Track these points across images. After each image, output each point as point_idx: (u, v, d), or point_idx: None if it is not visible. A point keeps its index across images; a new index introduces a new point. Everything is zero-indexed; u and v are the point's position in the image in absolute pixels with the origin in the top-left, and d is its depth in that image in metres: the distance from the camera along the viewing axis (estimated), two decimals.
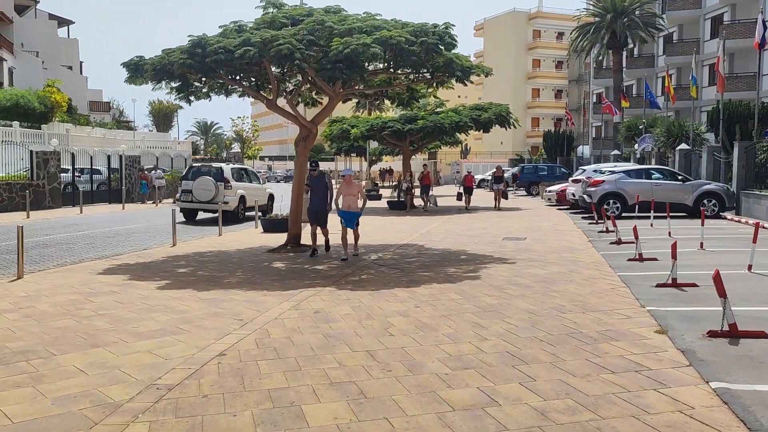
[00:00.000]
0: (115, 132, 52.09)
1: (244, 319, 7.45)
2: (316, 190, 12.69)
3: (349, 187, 12.25)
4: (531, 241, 15.10)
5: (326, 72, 11.17)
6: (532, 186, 39.13)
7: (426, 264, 11.68)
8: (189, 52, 11.30)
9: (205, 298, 8.76)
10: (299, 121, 14.10)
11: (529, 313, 7.49)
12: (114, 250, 14.59)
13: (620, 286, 9.14)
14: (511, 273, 10.49)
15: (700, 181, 21.72)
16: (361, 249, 14.06)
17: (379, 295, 8.75)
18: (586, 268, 10.91)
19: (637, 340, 6.18)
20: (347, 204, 12.18)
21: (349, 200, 12.18)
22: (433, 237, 16.39)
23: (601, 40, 45.53)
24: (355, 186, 12.41)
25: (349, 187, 12.23)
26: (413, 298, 8.46)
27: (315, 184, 12.71)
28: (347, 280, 10.04)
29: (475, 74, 13.35)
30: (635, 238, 11.48)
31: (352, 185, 12.31)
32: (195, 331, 6.88)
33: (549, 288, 9.07)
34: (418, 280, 9.95)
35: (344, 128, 29.02)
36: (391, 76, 14.48)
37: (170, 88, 14.27)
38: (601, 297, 8.34)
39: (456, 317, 7.31)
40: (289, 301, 8.45)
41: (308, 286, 9.50)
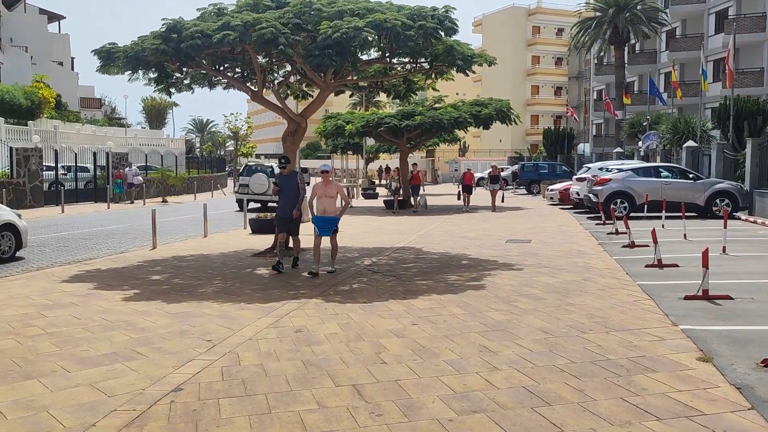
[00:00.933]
0: (106, 129, 50.96)
1: (213, 339, 6.41)
2: (285, 191, 10.59)
3: (326, 186, 10.13)
4: (537, 244, 14.08)
5: (314, 59, 10.12)
6: (532, 184, 38.10)
7: (424, 270, 10.64)
8: (163, 37, 10.25)
9: (174, 312, 7.71)
10: (287, 115, 13.05)
11: (544, 332, 6.46)
12: (88, 253, 13.53)
13: (643, 297, 8.12)
14: (519, 281, 9.46)
15: (712, 180, 20.70)
16: (355, 252, 13.04)
17: (372, 308, 7.71)
18: (601, 275, 9.88)
19: (679, 370, 5.15)
20: (323, 207, 10.16)
21: (325, 203, 10.14)
22: (431, 239, 15.36)
23: (603, 36, 44.53)
24: (333, 185, 10.23)
25: (326, 187, 10.13)
26: (410, 313, 7.43)
27: (285, 184, 10.63)
28: (336, 290, 9.01)
29: (477, 64, 12.31)
30: (654, 242, 10.46)
31: (329, 184, 10.19)
32: (153, 356, 5.84)
33: (563, 300, 8.04)
34: (416, 290, 8.91)
35: (339, 124, 27.94)
36: (387, 65, 13.43)
37: (148, 79, 13.26)
38: (624, 312, 7.31)
39: (459, 338, 6.27)
40: (268, 316, 7.41)
41: (292, 297, 8.46)
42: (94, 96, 63.66)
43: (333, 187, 10.22)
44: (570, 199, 24.90)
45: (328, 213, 10.20)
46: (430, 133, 29.15)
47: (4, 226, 11.94)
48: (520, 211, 24.43)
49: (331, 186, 10.20)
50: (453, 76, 13.67)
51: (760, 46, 38.00)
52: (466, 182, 25.22)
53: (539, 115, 73.47)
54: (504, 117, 27.35)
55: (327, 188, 10.15)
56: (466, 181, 25.22)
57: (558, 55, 73.48)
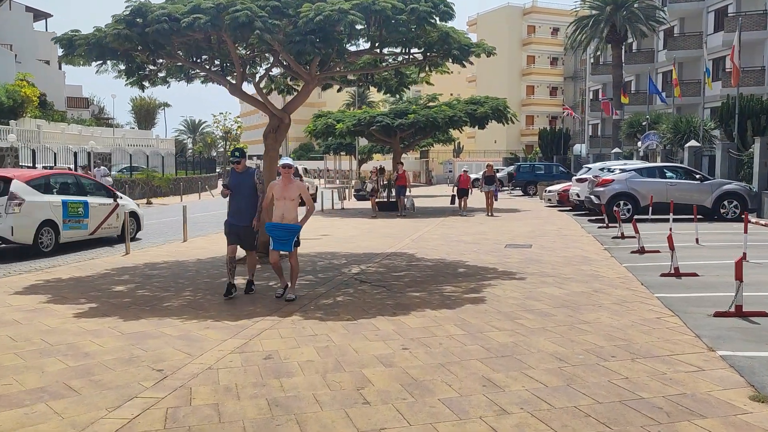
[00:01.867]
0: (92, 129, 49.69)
1: (166, 368, 5.39)
2: (238, 192, 8.40)
3: (286, 186, 8.01)
4: (538, 249, 13.11)
5: (294, 45, 9.11)
6: (528, 186, 37.18)
7: (417, 280, 9.64)
8: (126, 22, 9.21)
9: (129, 331, 6.68)
10: (269, 110, 12.04)
11: (558, 359, 5.47)
12: (55, 260, 12.45)
13: (666, 313, 7.13)
14: (523, 293, 8.47)
15: (719, 181, 19.78)
16: (342, 258, 12.03)
17: (357, 328, 6.70)
18: (613, 286, 8.91)
19: (731, 414, 4.17)
20: (280, 212, 7.99)
21: (283, 206, 7.98)
22: (425, 244, 14.36)
23: (600, 34, 43.64)
24: (294, 185, 8.09)
25: (286, 187, 8.00)
26: (400, 334, 6.42)
27: (238, 183, 8.39)
28: (318, 304, 7.99)
29: (475, 54, 11.33)
30: (670, 248, 9.50)
31: (290, 184, 8.06)
32: (88, 393, 4.81)
33: (575, 317, 7.05)
34: (408, 303, 7.91)
35: (329, 123, 26.91)
36: (377, 57, 12.44)
37: (117, 71, 12.23)
38: (647, 332, 6.33)
39: (458, 368, 5.27)
40: (236, 337, 6.39)
41: (267, 313, 7.44)
42: (81, 95, 62.40)
43: (294, 187, 8.08)
44: (569, 201, 23.97)
45: (287, 220, 8.02)
46: (424, 133, 28.23)
47: (131, 214, 15.13)
48: (518, 213, 23.47)
49: (293, 186, 8.08)
50: (449, 69, 12.70)
51: (761, 44, 37.24)
52: (461, 185, 23.43)
53: (534, 116, 72.67)
54: (500, 116, 26.44)
55: (287, 188, 8.03)
56: (462, 184, 23.42)
57: (553, 55, 72.71)
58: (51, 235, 13.01)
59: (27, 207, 12.42)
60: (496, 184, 23.02)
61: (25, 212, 12.36)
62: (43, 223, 12.78)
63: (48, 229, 12.93)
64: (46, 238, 12.91)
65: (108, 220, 14.70)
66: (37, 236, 12.67)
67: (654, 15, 42.86)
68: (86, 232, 14.12)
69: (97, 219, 14.36)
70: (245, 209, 8.37)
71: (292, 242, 8.07)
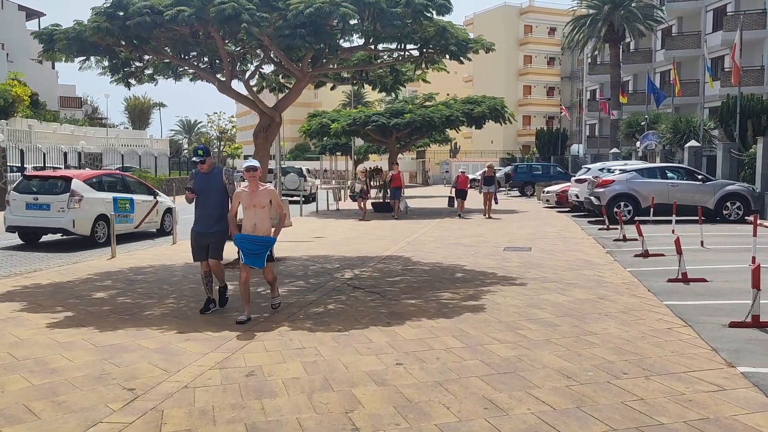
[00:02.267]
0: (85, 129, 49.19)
1: (138, 387, 4.94)
2: (204, 196, 7.37)
3: (254, 193, 6.99)
4: (538, 253, 12.68)
5: (284, 39, 8.66)
6: (526, 186, 36.80)
7: (413, 286, 9.20)
8: (107, 14, 8.74)
9: (103, 344, 6.23)
10: (259, 108, 11.59)
11: (565, 377, 5.04)
12: (38, 263, 11.98)
13: (677, 323, 6.71)
14: (524, 300, 8.04)
15: (722, 181, 19.39)
16: (335, 262, 11.59)
17: (348, 340, 6.26)
18: (618, 292, 8.48)
19: None
20: (251, 223, 6.99)
21: (254, 216, 6.99)
22: (421, 246, 13.92)
23: (598, 33, 43.25)
24: (264, 191, 7.04)
25: (254, 194, 6.99)
26: (394, 347, 5.98)
27: (204, 185, 7.36)
28: (308, 312, 7.54)
29: (473, 50, 10.90)
30: (677, 252, 9.07)
31: (258, 189, 7.03)
32: (48, 417, 4.36)
33: (580, 327, 6.62)
34: (403, 312, 7.47)
35: (324, 123, 26.45)
36: (371, 53, 12.00)
37: (102, 67, 11.77)
38: (659, 345, 5.90)
39: (457, 387, 4.83)
40: (217, 350, 5.94)
41: (253, 323, 6.99)
42: (74, 95, 61.82)
43: (264, 193, 7.02)
44: (568, 202, 23.56)
45: (259, 231, 7.00)
46: (420, 133, 27.80)
47: (168, 210, 16.43)
48: (516, 214, 23.04)
49: (262, 192, 7.00)
50: (445, 66, 12.26)
51: (760, 44, 36.93)
52: (459, 186, 22.14)
53: (531, 116, 72.32)
54: (498, 115, 26.04)
55: (256, 195, 6.98)
56: (460, 185, 22.13)
57: (550, 55, 72.36)
58: (104, 228, 14.29)
59: (85, 203, 13.89)
60: (495, 185, 22.10)
61: (83, 207, 13.84)
62: (98, 217, 14.15)
63: (102, 223, 14.26)
64: (100, 231, 14.31)
65: (149, 215, 15.98)
66: (93, 229, 14.08)
67: (652, 14, 42.53)
68: (132, 226, 15.41)
69: (141, 214, 15.64)
70: (214, 214, 7.38)
71: (265, 256, 7.04)
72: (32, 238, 14.65)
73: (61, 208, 13.60)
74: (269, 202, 7.08)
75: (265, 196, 7.06)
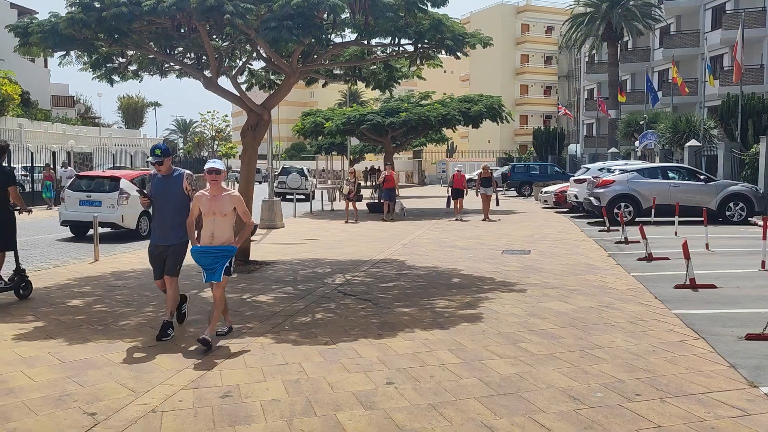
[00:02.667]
0: (78, 128, 48.67)
1: (101, 411, 4.47)
2: (163, 202, 6.43)
3: (215, 198, 6.04)
4: (537, 256, 12.23)
5: (270, 32, 8.16)
6: (523, 186, 36.36)
7: (407, 293, 8.73)
8: (82, 5, 8.26)
9: (70, 359, 5.75)
10: (247, 106, 11.11)
11: (572, 399, 4.57)
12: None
13: (689, 335, 6.25)
14: (524, 309, 7.58)
15: (724, 182, 18.96)
16: (327, 266, 11.11)
17: (335, 354, 5.79)
18: (624, 300, 8.03)
19: None
20: (210, 232, 6.04)
21: (213, 225, 6.05)
22: (417, 249, 13.46)
23: (596, 32, 42.87)
24: (227, 196, 6.09)
25: (215, 199, 6.04)
26: (385, 362, 5.51)
27: (162, 191, 6.42)
28: (294, 322, 7.07)
29: (470, 45, 10.43)
30: (685, 257, 8.61)
31: (220, 195, 6.07)
32: None
33: (586, 339, 6.16)
34: (396, 322, 7.00)
35: (318, 122, 25.97)
36: (364, 48, 11.53)
37: (83, 63, 11.29)
38: (672, 360, 5.44)
39: (453, 411, 4.37)
40: (193, 366, 5.47)
41: (235, 335, 6.51)
42: (67, 94, 61.18)
43: (227, 198, 6.07)
44: (566, 202, 23.13)
45: (219, 241, 6.06)
46: (416, 132, 27.36)
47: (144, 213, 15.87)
48: (513, 215, 22.59)
49: (224, 198, 6.06)
50: (441, 62, 11.79)
51: (759, 42, 36.57)
52: (456, 185, 20.90)
53: (528, 115, 71.89)
54: (495, 115, 25.60)
55: (217, 200, 6.03)
56: (457, 184, 20.89)
57: (547, 54, 71.96)
58: (146, 222, 15.47)
59: (132, 200, 15.07)
60: (493, 186, 20.95)
61: (130, 204, 15.14)
62: (142, 213, 15.37)
63: (144, 218, 15.51)
64: (143, 225, 15.57)
65: None
66: (138, 223, 15.40)
67: (650, 13, 42.16)
68: None
69: None
70: (173, 224, 6.39)
71: (222, 269, 6.05)
72: (81, 232, 15.99)
73: (111, 204, 15.08)
74: (233, 209, 6.09)
75: (228, 202, 6.06)
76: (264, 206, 18.59)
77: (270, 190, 19.44)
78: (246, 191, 11.31)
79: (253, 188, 11.59)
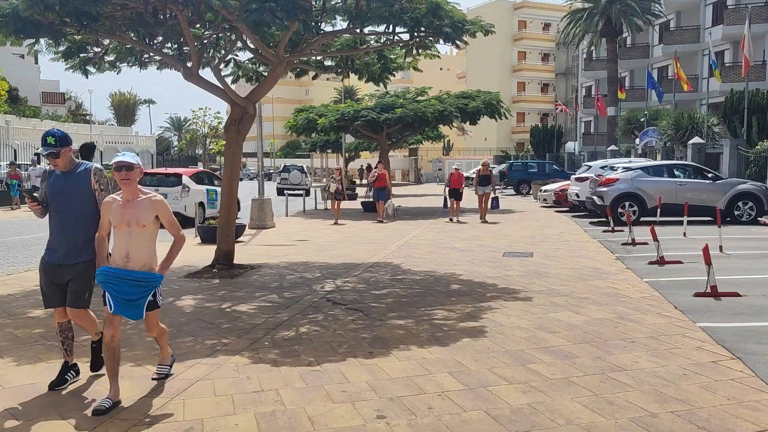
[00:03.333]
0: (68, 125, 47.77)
1: None
2: (60, 208, 4.87)
3: (128, 204, 4.57)
4: (541, 259, 11.51)
5: (251, 15, 7.41)
6: (521, 184, 35.64)
7: (402, 301, 7.98)
8: None
9: (13, 384, 5.00)
10: (230, 99, 10.35)
11: None
12: None
13: (722, 354, 5.52)
14: (531, 321, 6.84)
15: (733, 180, 18.27)
16: (316, 271, 10.36)
17: (318, 379, 5.04)
18: (641, 310, 7.30)
19: None
20: (123, 251, 4.57)
21: (127, 240, 4.56)
22: (413, 251, 12.72)
23: (595, 28, 42.19)
24: (144, 203, 4.59)
25: (129, 206, 4.57)
26: (376, 389, 4.77)
27: (59, 192, 4.85)
28: (275, 337, 6.32)
29: (470, 33, 9.69)
30: (706, 263, 7.88)
31: (135, 197, 4.60)
32: None
33: (604, 359, 5.43)
34: (389, 337, 6.25)
35: (311, 118, 25.18)
36: (357, 37, 10.78)
37: (54, 52, 10.52)
38: (709, 387, 4.71)
39: None
40: (153, 394, 4.71)
41: (207, 353, 5.77)
42: (58, 91, 60.27)
43: (146, 205, 4.57)
44: (566, 201, 22.42)
45: (135, 264, 4.55)
46: (412, 128, 26.60)
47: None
48: (512, 214, 21.87)
49: (142, 204, 4.56)
50: (438, 52, 11.05)
51: (761, 38, 35.91)
52: (453, 185, 19.30)
53: (525, 113, 71.21)
54: (493, 111, 24.85)
55: (132, 207, 4.54)
56: (454, 184, 19.29)
57: (545, 51, 71.30)
58: (202, 211, 17.85)
59: (192, 193, 18.01)
60: (492, 185, 19.29)
61: (191, 196, 17.93)
62: (199, 204, 17.97)
63: (201, 208, 17.90)
64: (198, 214, 17.32)
65: None
66: (196, 212, 17.15)
67: (650, 8, 41.48)
68: (215, 211, 17.81)
69: None
70: (78, 237, 4.81)
71: (145, 304, 4.58)
72: None
73: (176, 196, 17.53)
74: (154, 219, 4.59)
75: (148, 209, 4.54)
76: (254, 205, 17.84)
77: (260, 188, 18.67)
78: (230, 190, 10.57)
79: (238, 186, 10.84)
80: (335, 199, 19.33)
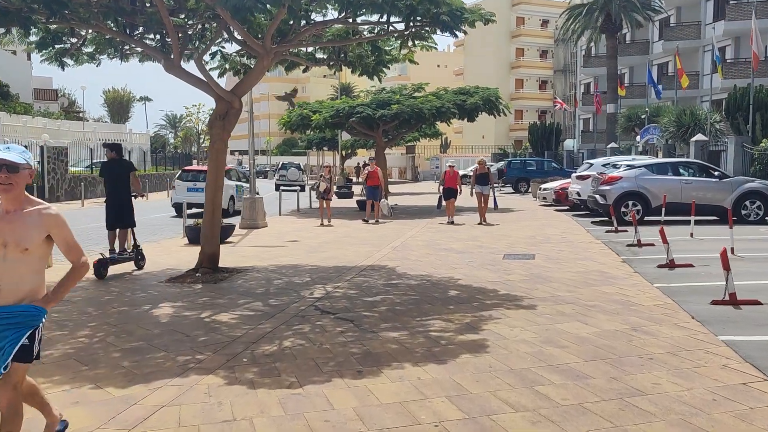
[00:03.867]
0: (60, 122, 47.00)
1: None
2: None
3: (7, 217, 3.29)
4: (543, 261, 10.94)
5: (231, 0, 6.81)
6: (520, 182, 35.06)
7: (396, 310, 7.40)
8: None
9: None
10: (215, 92, 9.75)
11: None
12: None
13: (753, 374, 4.94)
14: (537, 332, 6.27)
15: (740, 178, 17.73)
16: (305, 275, 9.78)
17: (299, 404, 4.45)
18: (655, 320, 6.72)
19: None
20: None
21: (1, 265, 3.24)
22: (408, 253, 12.14)
23: (594, 23, 41.59)
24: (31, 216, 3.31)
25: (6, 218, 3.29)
26: (363, 418, 4.19)
27: None
28: (255, 352, 5.73)
29: (468, 23, 9.10)
30: (725, 267, 7.31)
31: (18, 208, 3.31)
32: None
33: (621, 380, 4.85)
34: (381, 352, 5.67)
35: (305, 114, 24.57)
36: (349, 27, 10.18)
37: (27, 43, 9.93)
38: (744, 416, 4.13)
39: None
40: (113, 422, 4.13)
41: (178, 372, 5.18)
42: (51, 87, 59.48)
43: (33, 219, 3.32)
44: (567, 200, 21.87)
45: (8, 296, 3.27)
46: (408, 125, 26.02)
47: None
48: (512, 213, 21.30)
49: (24, 217, 3.31)
50: (435, 43, 10.46)
51: (764, 34, 35.30)
52: (448, 184, 18.13)
53: (524, 110, 70.65)
54: (492, 107, 24.32)
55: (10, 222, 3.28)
56: (449, 182, 18.10)
57: (543, 47, 70.73)
58: (233, 204, 20.54)
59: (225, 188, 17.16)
60: (491, 184, 18.39)
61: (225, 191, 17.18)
62: (230, 197, 19.98)
63: (231, 201, 20.41)
64: (230, 206, 20.06)
65: None
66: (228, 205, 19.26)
67: (650, 4, 40.89)
68: None
69: None
70: None
71: (14, 349, 3.28)
72: None
73: None
74: (43, 240, 3.35)
75: (36, 227, 3.32)
76: (245, 204, 17.25)
77: (251, 186, 18.10)
78: (214, 188, 9.97)
79: (223, 184, 10.26)
80: (323, 198, 18.32)
